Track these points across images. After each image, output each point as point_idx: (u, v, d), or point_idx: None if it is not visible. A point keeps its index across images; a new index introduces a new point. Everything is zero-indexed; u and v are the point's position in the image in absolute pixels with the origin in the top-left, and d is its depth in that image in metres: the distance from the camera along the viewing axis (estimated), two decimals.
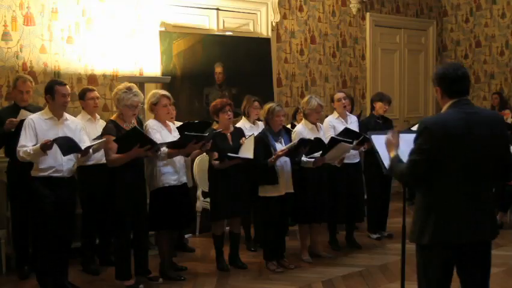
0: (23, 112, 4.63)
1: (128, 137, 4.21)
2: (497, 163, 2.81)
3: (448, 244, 2.77)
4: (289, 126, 6.27)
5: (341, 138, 4.96)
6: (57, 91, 4.24)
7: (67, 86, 4.36)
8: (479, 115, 2.77)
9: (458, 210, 2.74)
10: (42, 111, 4.36)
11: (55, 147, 4.06)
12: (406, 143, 3.19)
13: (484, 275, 2.89)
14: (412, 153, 2.77)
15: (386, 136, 3.09)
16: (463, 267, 2.87)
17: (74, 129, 4.37)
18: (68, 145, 4.11)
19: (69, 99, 4.36)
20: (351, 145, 5.06)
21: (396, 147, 2.99)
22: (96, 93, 5.09)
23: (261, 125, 5.39)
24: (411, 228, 2.89)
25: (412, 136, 3.11)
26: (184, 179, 4.74)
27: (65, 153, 4.15)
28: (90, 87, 5.26)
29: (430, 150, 2.69)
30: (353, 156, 5.52)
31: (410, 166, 2.76)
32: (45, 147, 4.02)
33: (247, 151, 4.80)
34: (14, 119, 4.59)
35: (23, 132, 4.18)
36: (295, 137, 5.11)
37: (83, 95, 5.04)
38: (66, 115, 4.38)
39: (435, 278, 2.84)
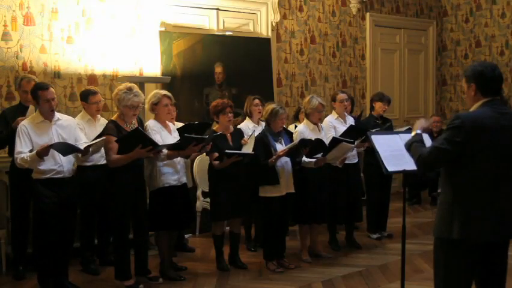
0: (32, 108, 4.59)
1: (130, 138, 4.20)
2: None
3: (477, 241, 2.76)
4: (292, 126, 6.26)
5: (342, 139, 4.97)
6: (41, 97, 4.18)
7: (51, 89, 4.25)
8: (511, 115, 2.81)
9: (488, 207, 2.75)
10: (33, 114, 4.33)
11: (52, 150, 4.05)
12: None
13: (503, 273, 2.89)
14: (440, 141, 2.80)
15: (420, 120, 3.13)
16: (482, 265, 2.86)
17: (68, 128, 4.34)
18: (65, 149, 4.10)
19: (54, 102, 4.24)
20: (353, 145, 5.06)
21: (423, 129, 3.03)
22: (99, 97, 5.04)
23: (264, 125, 5.38)
24: (436, 223, 2.88)
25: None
26: (184, 180, 4.74)
27: (64, 154, 4.16)
28: (93, 89, 5.18)
29: (460, 143, 2.72)
30: (352, 156, 5.53)
31: (435, 152, 2.79)
32: (42, 153, 3.99)
33: (247, 150, 4.82)
34: (22, 118, 4.53)
35: (17, 139, 4.14)
36: (296, 136, 5.11)
37: (86, 98, 4.98)
38: (58, 115, 4.35)
39: (459, 276, 2.82)
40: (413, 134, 3.05)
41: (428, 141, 3.08)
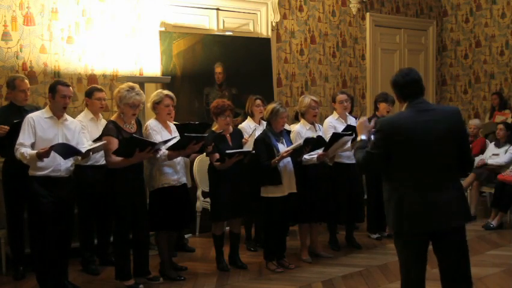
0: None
1: (126, 147, 4.18)
2: (457, 155, 2.99)
3: (411, 233, 2.97)
4: (293, 125, 6.24)
5: (341, 133, 5.02)
6: (59, 91, 4.23)
7: (71, 88, 4.32)
8: (434, 112, 3.01)
9: (415, 200, 2.92)
10: (44, 109, 4.34)
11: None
12: None
13: (458, 261, 3.00)
14: (371, 145, 3.06)
15: (360, 120, 3.35)
16: (437, 251, 3.04)
17: (73, 130, 4.36)
18: (66, 151, 4.10)
19: (69, 101, 4.31)
20: (351, 136, 5.07)
21: (368, 132, 3.25)
22: (104, 94, 5.06)
23: (265, 125, 5.37)
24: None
25: None
26: (183, 180, 4.74)
27: (65, 157, 4.15)
28: (99, 86, 5.21)
29: (383, 146, 2.96)
30: (352, 156, 5.52)
31: (366, 157, 3.05)
32: (42, 155, 4.00)
33: (248, 149, 4.83)
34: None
35: (22, 130, 4.16)
36: (294, 136, 5.11)
37: (90, 94, 4.99)
38: (66, 115, 4.37)
39: (405, 260, 3.06)
40: (358, 139, 3.26)
41: None
